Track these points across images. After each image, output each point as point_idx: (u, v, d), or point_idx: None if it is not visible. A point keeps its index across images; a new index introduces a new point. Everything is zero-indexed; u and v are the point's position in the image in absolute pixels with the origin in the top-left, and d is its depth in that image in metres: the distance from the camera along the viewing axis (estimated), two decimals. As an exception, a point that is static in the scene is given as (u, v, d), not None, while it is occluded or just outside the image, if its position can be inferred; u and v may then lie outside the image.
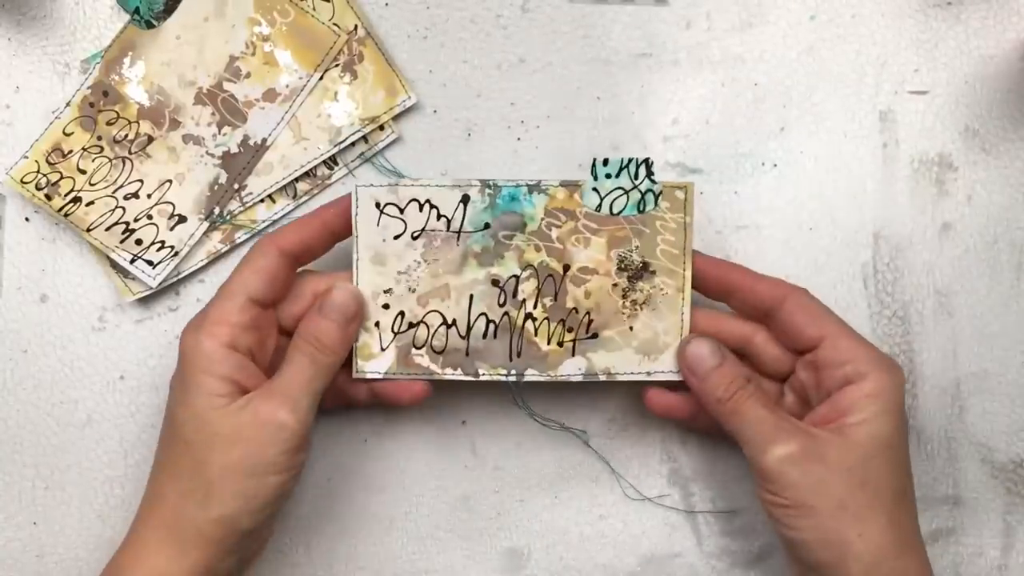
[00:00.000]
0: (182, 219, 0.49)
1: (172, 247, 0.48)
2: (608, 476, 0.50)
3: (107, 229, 0.48)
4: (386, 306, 0.45)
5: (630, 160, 0.44)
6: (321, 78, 0.49)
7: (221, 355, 0.42)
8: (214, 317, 0.42)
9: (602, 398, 0.50)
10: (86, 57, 0.49)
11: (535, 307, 0.45)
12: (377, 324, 0.45)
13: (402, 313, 0.45)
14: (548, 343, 0.45)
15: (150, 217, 0.48)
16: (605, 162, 0.44)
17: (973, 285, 0.50)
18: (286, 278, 0.44)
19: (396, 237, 0.44)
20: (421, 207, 0.44)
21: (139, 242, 0.48)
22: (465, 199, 0.44)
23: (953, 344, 0.50)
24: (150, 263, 0.48)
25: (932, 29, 0.50)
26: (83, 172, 0.48)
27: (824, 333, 0.43)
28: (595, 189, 0.44)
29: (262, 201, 0.49)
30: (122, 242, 0.48)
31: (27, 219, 0.50)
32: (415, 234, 0.44)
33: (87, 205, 0.48)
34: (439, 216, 0.44)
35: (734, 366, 0.43)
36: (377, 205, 0.44)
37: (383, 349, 0.45)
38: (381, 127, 0.49)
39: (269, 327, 0.44)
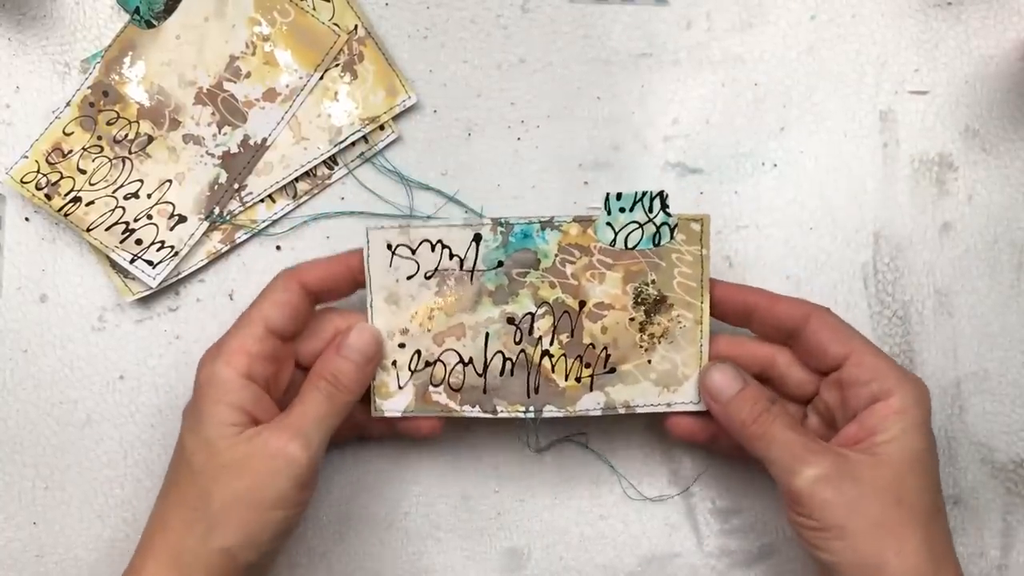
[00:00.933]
0: (182, 219, 0.49)
1: (172, 247, 0.48)
2: (608, 476, 0.50)
3: (107, 229, 0.48)
4: (402, 345, 0.45)
5: (644, 193, 0.43)
6: (321, 78, 0.49)
7: (238, 384, 0.41)
8: (233, 346, 0.42)
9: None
10: (86, 57, 0.49)
11: (551, 344, 0.45)
12: (394, 363, 0.45)
13: (418, 352, 0.45)
14: (566, 379, 0.45)
15: (150, 217, 0.48)
16: (619, 196, 0.44)
17: (973, 285, 0.50)
18: (306, 313, 0.44)
19: (409, 277, 0.44)
20: (433, 247, 0.44)
21: (139, 242, 0.48)
22: (477, 238, 0.44)
23: (953, 344, 0.50)
24: (150, 263, 0.48)
25: (932, 29, 0.50)
26: (83, 172, 0.48)
27: (849, 351, 0.42)
28: (609, 224, 0.44)
29: (262, 201, 0.49)
30: (122, 242, 0.48)
31: (27, 219, 0.50)
32: (428, 274, 0.44)
33: (87, 205, 0.48)
34: (451, 255, 0.44)
35: (757, 390, 0.43)
36: (389, 247, 0.44)
37: (401, 387, 0.45)
38: (381, 127, 0.49)
39: (286, 360, 0.44)
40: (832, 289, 0.50)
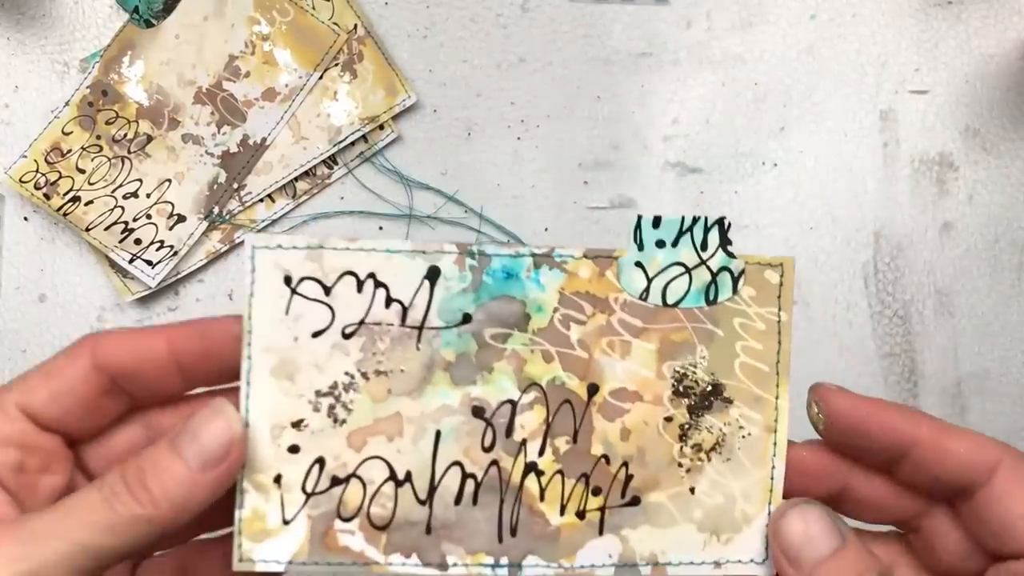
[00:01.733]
0: (181, 218, 0.48)
1: (171, 247, 0.48)
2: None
3: (106, 229, 0.48)
4: (294, 449, 0.28)
5: (695, 220, 0.29)
6: (321, 77, 0.49)
7: None
8: None
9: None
10: (85, 56, 0.49)
11: (541, 453, 0.29)
12: (278, 479, 0.28)
13: (321, 461, 0.28)
14: (562, 513, 0.29)
15: (149, 217, 0.48)
16: (656, 222, 0.29)
17: (974, 284, 0.50)
18: (97, 403, 0.28)
19: (316, 334, 0.28)
20: (360, 285, 0.28)
21: (138, 242, 0.48)
22: (433, 275, 0.28)
23: (954, 344, 0.50)
24: (149, 263, 0.48)
25: (933, 28, 0.50)
26: (82, 171, 0.48)
27: None
28: (639, 264, 0.29)
29: (261, 200, 0.49)
30: (121, 242, 0.48)
31: (26, 219, 0.50)
32: (348, 330, 0.28)
33: (86, 204, 0.48)
34: (389, 300, 0.28)
35: (860, 554, 0.28)
36: (287, 280, 0.28)
37: (287, 522, 0.28)
38: (381, 126, 0.49)
39: (52, 462, 0.28)
40: (832, 289, 0.50)
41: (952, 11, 0.50)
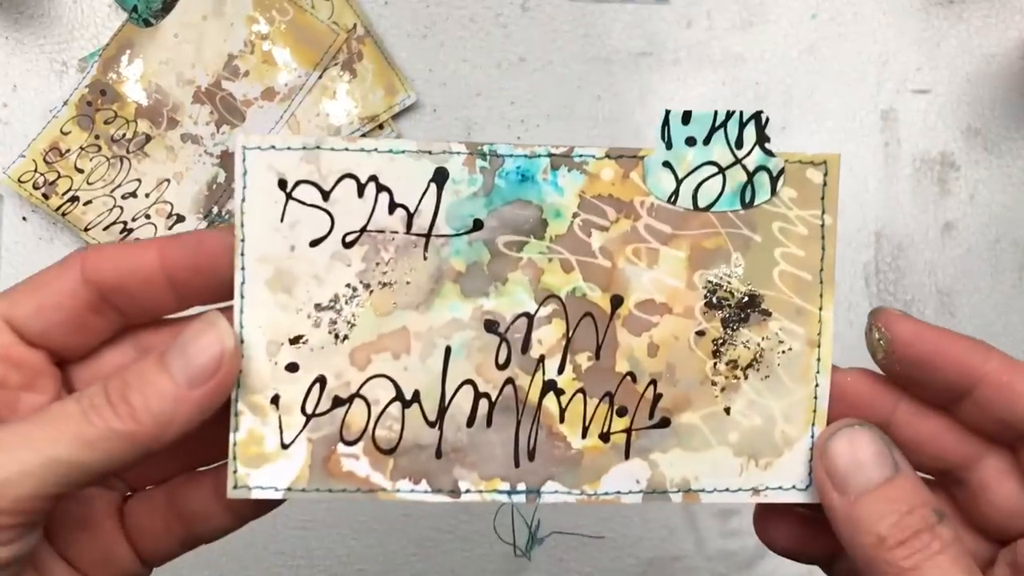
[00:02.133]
0: (180, 218, 0.48)
1: (170, 246, 0.48)
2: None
3: (105, 228, 0.48)
4: (293, 367, 0.26)
5: (729, 115, 0.27)
6: (320, 77, 0.49)
7: None
8: None
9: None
10: (84, 56, 0.49)
11: (561, 371, 0.27)
12: (276, 400, 0.26)
13: (322, 380, 0.27)
14: (584, 436, 0.27)
15: (148, 216, 0.48)
16: (686, 117, 0.27)
17: (975, 285, 0.49)
18: (85, 319, 0.26)
19: (315, 243, 0.26)
20: (362, 189, 0.26)
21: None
22: (440, 177, 0.26)
23: (955, 344, 0.49)
24: (148, 263, 0.48)
25: (934, 28, 0.50)
26: (81, 171, 0.48)
27: None
28: (668, 164, 0.27)
29: (261, 200, 0.49)
30: (120, 241, 0.48)
31: (24, 218, 0.49)
32: (349, 238, 0.26)
33: (85, 204, 0.48)
34: (393, 206, 0.26)
35: (916, 487, 0.25)
36: (282, 184, 0.26)
37: (285, 446, 0.26)
38: (380, 126, 0.49)
39: (37, 380, 0.26)
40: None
41: (953, 10, 0.50)
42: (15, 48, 0.49)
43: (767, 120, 0.27)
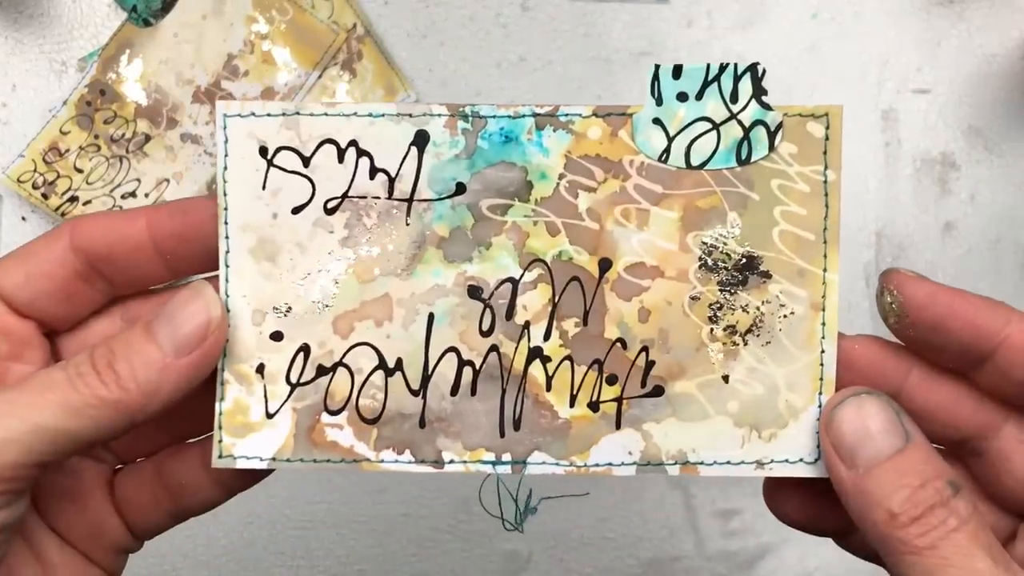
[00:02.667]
0: (180, 218, 0.48)
1: (170, 246, 0.48)
2: (608, 477, 0.50)
3: (104, 228, 0.48)
4: (277, 336, 0.26)
5: (722, 68, 0.25)
6: (320, 76, 0.49)
7: None
8: None
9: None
10: (83, 55, 0.49)
11: (547, 338, 0.26)
12: (261, 369, 0.26)
13: (306, 349, 0.26)
14: (571, 405, 0.26)
15: (147, 216, 0.48)
16: (676, 71, 0.25)
17: (976, 285, 0.49)
18: (74, 288, 0.26)
19: (296, 210, 0.26)
20: (342, 154, 0.26)
21: (136, 241, 0.48)
22: (421, 140, 0.26)
23: (956, 344, 0.49)
24: (147, 263, 0.48)
25: (934, 27, 0.50)
26: (80, 171, 0.48)
27: None
28: (658, 121, 0.26)
29: (260, 200, 0.49)
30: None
31: (23, 218, 0.49)
32: (330, 204, 0.26)
33: (84, 204, 0.48)
34: (374, 171, 0.26)
35: (929, 458, 0.24)
36: (263, 151, 0.26)
37: (270, 415, 0.26)
38: (380, 126, 0.49)
39: (25, 350, 0.26)
40: (834, 289, 0.49)
41: (954, 10, 0.50)
42: (14, 48, 0.49)
43: (763, 72, 0.25)
